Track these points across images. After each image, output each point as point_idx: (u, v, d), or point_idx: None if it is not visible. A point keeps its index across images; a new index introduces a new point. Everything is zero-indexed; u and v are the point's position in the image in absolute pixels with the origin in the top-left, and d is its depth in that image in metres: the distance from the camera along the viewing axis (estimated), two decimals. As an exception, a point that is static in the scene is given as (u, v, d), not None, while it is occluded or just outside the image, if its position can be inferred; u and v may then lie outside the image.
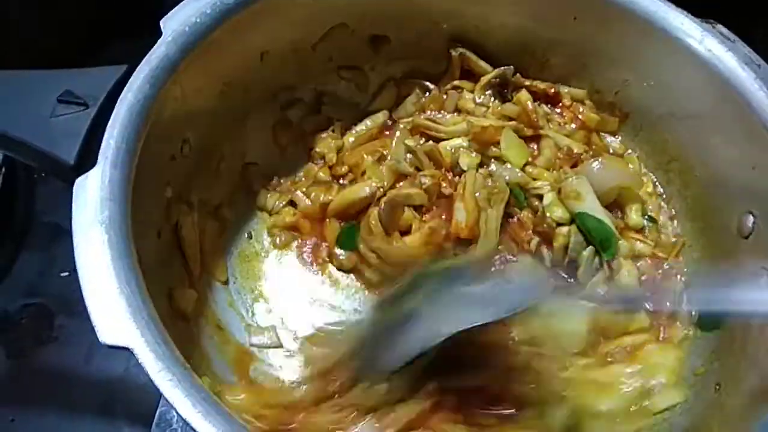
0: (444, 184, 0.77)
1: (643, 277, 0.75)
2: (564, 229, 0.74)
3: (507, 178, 0.76)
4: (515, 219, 0.76)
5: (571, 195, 0.74)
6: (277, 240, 0.78)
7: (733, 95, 0.67)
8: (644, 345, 0.72)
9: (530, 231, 0.75)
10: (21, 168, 0.95)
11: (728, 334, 0.69)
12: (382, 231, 0.74)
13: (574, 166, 0.79)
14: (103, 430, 0.80)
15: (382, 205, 0.74)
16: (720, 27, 0.70)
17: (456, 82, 0.85)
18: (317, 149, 0.80)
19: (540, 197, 0.76)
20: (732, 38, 0.69)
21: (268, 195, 0.79)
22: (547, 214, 0.74)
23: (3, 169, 0.89)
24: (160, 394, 0.73)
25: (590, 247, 0.73)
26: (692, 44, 0.69)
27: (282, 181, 0.81)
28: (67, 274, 0.89)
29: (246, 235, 0.79)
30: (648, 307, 0.74)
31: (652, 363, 0.71)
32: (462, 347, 0.63)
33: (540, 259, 0.74)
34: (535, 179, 0.78)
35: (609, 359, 0.71)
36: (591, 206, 0.74)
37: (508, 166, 0.78)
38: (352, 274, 0.77)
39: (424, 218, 0.76)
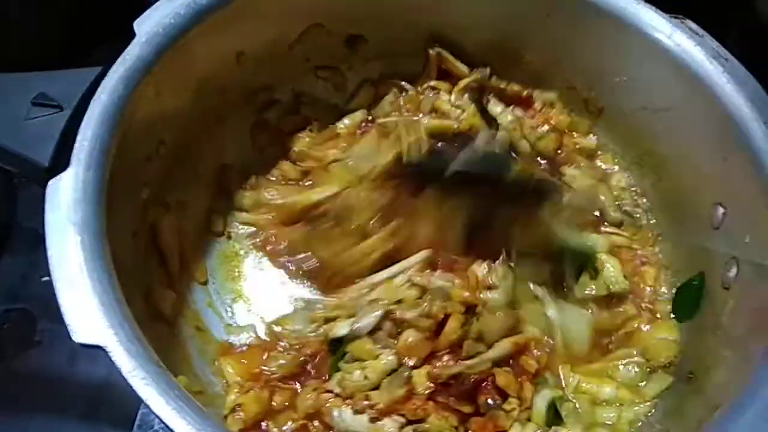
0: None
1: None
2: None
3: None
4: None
5: None
6: (257, 240, 0.78)
7: (702, 89, 0.68)
8: (638, 329, 0.73)
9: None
10: (1, 175, 0.94)
11: (700, 323, 0.70)
12: None
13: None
14: (86, 433, 0.80)
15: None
16: (689, 22, 0.71)
17: (433, 83, 0.85)
18: (295, 148, 0.80)
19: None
20: (700, 33, 0.70)
21: (246, 195, 0.79)
22: None
23: (-17, 175, 0.89)
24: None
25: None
26: (661, 39, 0.70)
27: (259, 180, 0.80)
28: (48, 278, 0.88)
29: (225, 236, 0.79)
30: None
31: (650, 342, 0.72)
32: None
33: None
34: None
35: (609, 347, 0.72)
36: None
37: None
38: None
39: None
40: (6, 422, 0.80)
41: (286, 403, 0.66)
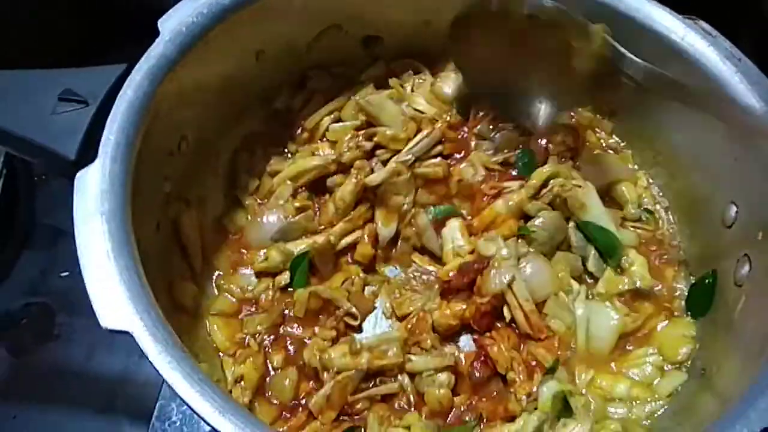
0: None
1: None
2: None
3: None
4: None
5: (577, 206, 0.76)
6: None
7: (715, 89, 0.68)
8: (655, 327, 0.74)
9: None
10: (22, 171, 0.96)
11: (712, 320, 0.71)
12: None
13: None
14: (104, 426, 0.81)
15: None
16: (702, 23, 0.71)
17: None
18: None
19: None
20: (713, 33, 0.70)
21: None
22: None
23: (4, 172, 0.91)
24: (160, 388, 0.76)
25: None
26: (675, 40, 0.70)
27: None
28: (67, 274, 0.91)
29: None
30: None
31: (667, 340, 0.73)
32: None
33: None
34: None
35: (629, 347, 0.73)
36: (597, 215, 0.76)
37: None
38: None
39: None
40: (25, 414, 0.81)
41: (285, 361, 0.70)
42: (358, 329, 0.74)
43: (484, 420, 0.67)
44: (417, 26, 0.83)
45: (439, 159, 0.80)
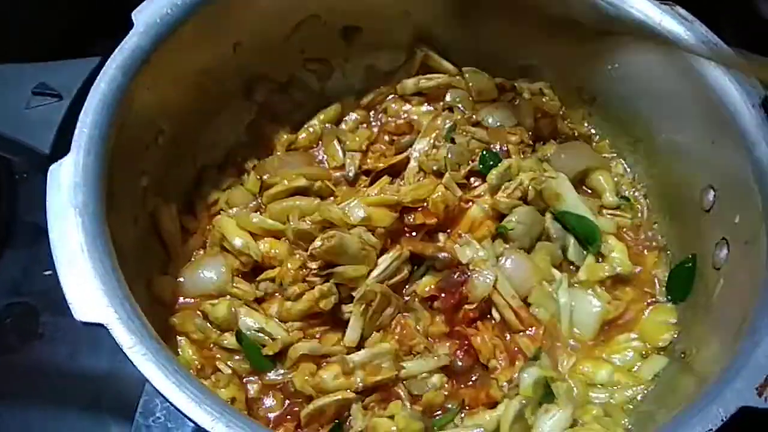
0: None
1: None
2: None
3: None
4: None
5: (552, 197, 0.76)
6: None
7: (691, 74, 0.69)
8: (638, 313, 0.74)
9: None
10: (2, 169, 0.95)
11: (692, 304, 0.71)
12: None
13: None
14: (89, 424, 0.81)
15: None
16: (679, 8, 0.72)
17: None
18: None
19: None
20: (690, 19, 0.71)
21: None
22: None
23: (-15, 172, 0.90)
24: (144, 384, 0.76)
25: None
26: (652, 25, 0.71)
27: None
28: (50, 272, 0.88)
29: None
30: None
31: (649, 325, 0.73)
32: None
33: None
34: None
35: (611, 333, 0.73)
36: (573, 204, 0.76)
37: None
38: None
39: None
40: (9, 414, 0.81)
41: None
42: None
43: (466, 406, 0.67)
44: (396, 17, 0.82)
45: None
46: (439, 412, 0.68)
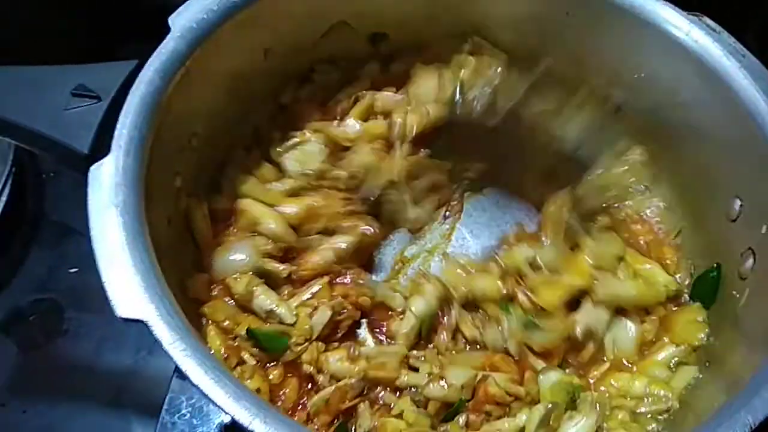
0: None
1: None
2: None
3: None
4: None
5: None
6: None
7: (719, 84, 0.69)
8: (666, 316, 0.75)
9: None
10: (30, 168, 0.97)
11: (716, 313, 0.72)
12: None
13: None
14: (113, 420, 0.82)
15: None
16: (706, 19, 0.72)
17: None
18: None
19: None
20: (718, 30, 0.71)
21: None
22: None
23: (13, 170, 0.91)
24: (170, 381, 0.77)
25: None
26: (679, 36, 0.71)
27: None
28: (75, 270, 0.92)
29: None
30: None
31: (679, 326, 0.74)
32: None
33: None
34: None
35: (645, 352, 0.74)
36: None
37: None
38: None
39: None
40: (34, 410, 0.82)
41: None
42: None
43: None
44: (424, 21, 0.83)
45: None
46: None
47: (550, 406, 0.64)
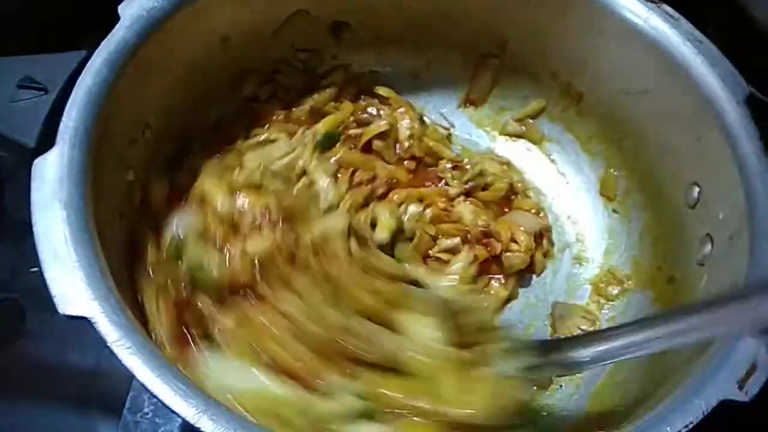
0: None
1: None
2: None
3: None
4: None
5: None
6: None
7: (678, 70, 0.69)
8: None
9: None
10: (-11, 166, 0.95)
11: (675, 299, 0.72)
12: None
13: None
14: (77, 420, 0.80)
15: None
16: (665, 6, 0.72)
17: None
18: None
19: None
20: (676, 16, 0.71)
21: None
22: None
23: (-29, 168, 0.89)
24: (131, 381, 0.76)
25: None
26: (638, 23, 0.71)
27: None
28: (37, 269, 0.89)
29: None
30: None
31: None
32: None
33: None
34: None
35: None
36: None
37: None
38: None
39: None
40: (-4, 411, 0.81)
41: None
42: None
43: None
44: (387, 11, 0.82)
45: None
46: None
47: None
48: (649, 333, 0.54)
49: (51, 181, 0.53)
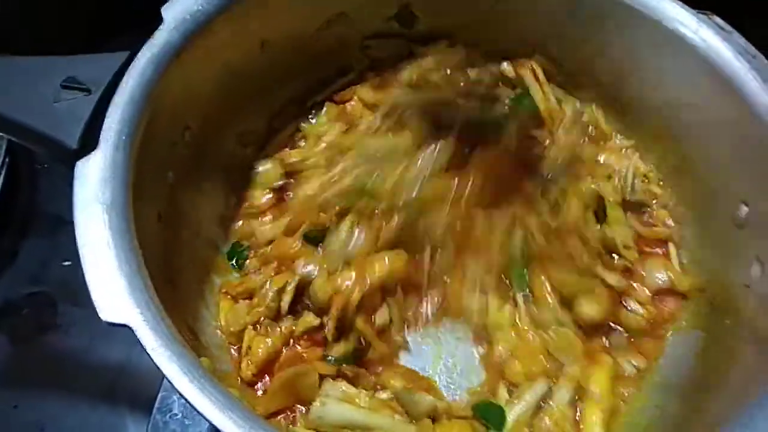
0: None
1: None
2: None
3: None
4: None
5: None
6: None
7: (728, 85, 0.67)
8: None
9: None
10: (24, 160, 0.96)
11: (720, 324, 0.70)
12: None
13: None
14: (105, 416, 0.81)
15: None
16: (716, 18, 0.70)
17: None
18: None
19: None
20: (728, 29, 0.69)
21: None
22: None
23: (6, 161, 0.90)
24: (162, 380, 0.76)
25: None
26: (688, 34, 0.69)
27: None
28: (69, 263, 0.91)
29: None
30: None
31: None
32: None
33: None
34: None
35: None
36: None
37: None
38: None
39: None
40: (25, 403, 0.81)
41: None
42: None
43: None
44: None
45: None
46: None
47: None
48: None
49: (93, 183, 0.53)
